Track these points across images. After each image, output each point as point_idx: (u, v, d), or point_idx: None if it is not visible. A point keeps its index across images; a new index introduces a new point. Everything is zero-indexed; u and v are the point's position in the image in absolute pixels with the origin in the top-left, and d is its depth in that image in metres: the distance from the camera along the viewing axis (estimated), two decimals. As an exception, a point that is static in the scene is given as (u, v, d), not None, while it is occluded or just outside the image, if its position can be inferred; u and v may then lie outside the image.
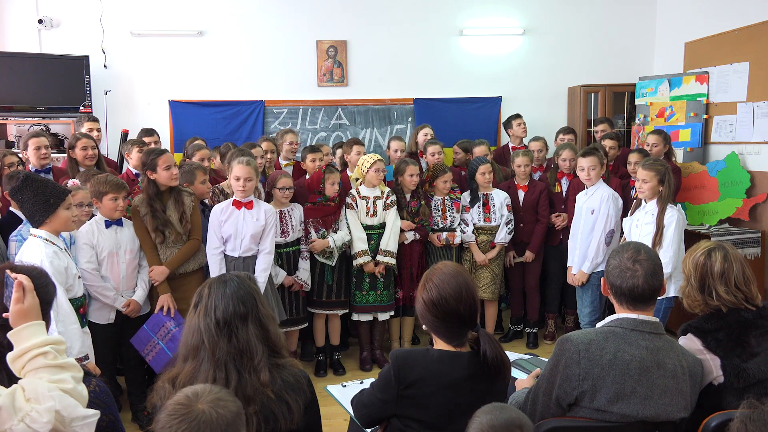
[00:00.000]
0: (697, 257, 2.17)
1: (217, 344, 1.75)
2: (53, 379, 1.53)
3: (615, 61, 6.35)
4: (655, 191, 3.57)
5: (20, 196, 2.72)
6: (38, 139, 4.01)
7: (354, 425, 2.31)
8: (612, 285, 1.96)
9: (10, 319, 1.59)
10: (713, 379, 2.01)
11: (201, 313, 1.79)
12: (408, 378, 1.86)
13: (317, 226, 4.17)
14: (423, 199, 4.47)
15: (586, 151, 4.15)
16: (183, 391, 1.40)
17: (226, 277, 1.86)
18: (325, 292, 4.26)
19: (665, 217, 3.51)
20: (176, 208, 3.56)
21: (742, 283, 2.09)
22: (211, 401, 1.35)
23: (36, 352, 1.55)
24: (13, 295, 1.59)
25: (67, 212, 2.79)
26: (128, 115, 5.67)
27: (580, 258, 4.12)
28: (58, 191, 2.76)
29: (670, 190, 3.56)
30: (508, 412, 1.46)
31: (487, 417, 1.44)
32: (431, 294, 1.90)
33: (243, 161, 3.60)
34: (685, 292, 2.20)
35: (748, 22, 4.98)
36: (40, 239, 2.73)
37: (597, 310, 4.07)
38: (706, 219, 5.10)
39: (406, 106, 6.19)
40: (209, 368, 1.73)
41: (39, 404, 1.46)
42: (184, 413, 1.32)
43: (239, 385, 1.72)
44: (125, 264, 3.38)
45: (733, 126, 5.13)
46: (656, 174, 3.55)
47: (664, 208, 3.54)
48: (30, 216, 2.76)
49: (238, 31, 5.91)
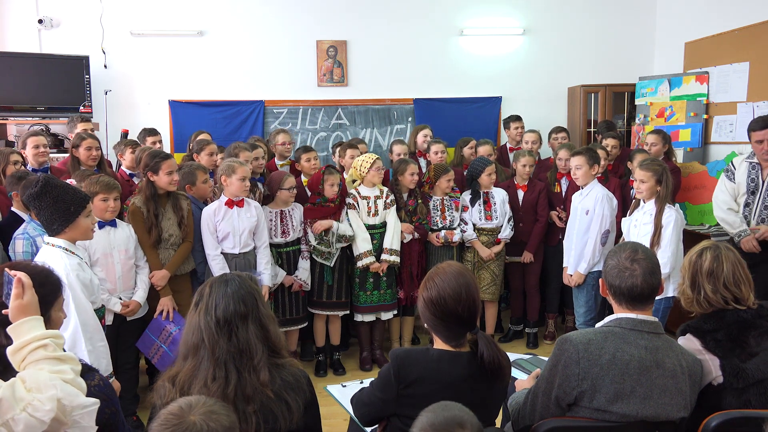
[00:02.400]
0: (691, 255, 2.20)
1: (217, 343, 1.75)
2: (54, 370, 1.54)
3: (615, 61, 6.35)
4: (653, 191, 3.57)
5: (38, 202, 2.49)
6: (37, 137, 4.02)
7: (354, 425, 2.32)
8: (611, 285, 1.96)
9: (10, 314, 1.61)
10: (713, 379, 2.01)
11: (201, 312, 1.79)
12: (408, 377, 1.87)
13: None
14: (420, 199, 4.48)
15: (576, 151, 4.16)
16: (178, 401, 1.40)
17: (228, 277, 1.86)
18: (326, 293, 4.26)
19: (663, 217, 3.51)
20: (175, 213, 3.62)
21: (732, 284, 2.09)
22: (204, 413, 1.35)
23: (36, 344, 1.57)
24: (13, 291, 1.61)
25: (87, 220, 2.59)
26: (128, 115, 5.67)
27: (576, 258, 4.11)
28: (79, 198, 2.56)
29: (668, 190, 3.56)
30: (452, 410, 1.43)
31: (427, 415, 1.41)
32: (431, 293, 1.90)
33: (244, 163, 3.78)
34: (680, 290, 2.22)
35: (748, 22, 4.98)
36: (60, 249, 2.53)
37: (592, 310, 4.07)
38: (706, 219, 5.10)
39: (406, 106, 6.19)
40: (209, 366, 1.74)
41: (41, 393, 1.47)
42: (176, 424, 1.32)
43: (239, 384, 1.72)
44: (120, 264, 3.36)
45: (733, 126, 5.13)
46: (654, 174, 3.55)
47: (662, 208, 3.54)
48: (48, 224, 2.54)
49: (238, 31, 5.91)
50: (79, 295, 2.53)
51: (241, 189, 3.69)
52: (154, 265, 3.53)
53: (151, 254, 3.52)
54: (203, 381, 1.72)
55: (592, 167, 4.04)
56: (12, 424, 1.44)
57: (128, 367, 3.54)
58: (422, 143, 5.15)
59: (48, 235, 2.58)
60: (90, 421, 1.56)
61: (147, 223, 3.50)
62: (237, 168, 3.68)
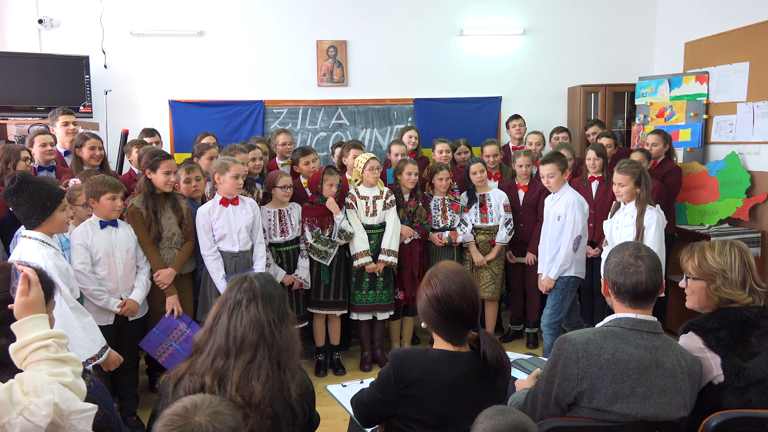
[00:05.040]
0: (734, 251, 2.09)
1: (274, 339, 1.76)
2: (53, 372, 1.53)
3: (615, 61, 6.35)
4: (633, 193, 3.60)
5: (15, 198, 2.62)
6: (44, 136, 4.04)
7: (354, 425, 2.32)
8: (614, 283, 1.95)
9: (15, 310, 1.60)
10: (713, 378, 2.01)
11: (259, 307, 1.77)
12: (407, 377, 1.86)
13: (312, 225, 4.18)
14: (420, 201, 4.48)
15: (544, 159, 4.02)
16: (182, 401, 1.38)
17: (264, 274, 1.89)
18: (323, 292, 4.26)
19: (645, 218, 3.54)
20: (175, 213, 3.62)
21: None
22: (210, 414, 1.33)
23: (38, 344, 1.55)
24: (19, 287, 1.59)
25: (63, 214, 2.72)
26: (128, 115, 5.67)
27: (549, 263, 4.03)
28: (54, 193, 2.68)
29: (647, 191, 3.59)
30: (512, 415, 1.43)
31: (490, 422, 1.40)
32: (436, 290, 1.89)
33: (237, 161, 3.75)
34: (709, 290, 2.07)
35: (748, 22, 4.98)
36: (36, 241, 2.64)
37: (557, 312, 3.99)
38: (706, 219, 5.10)
39: (406, 106, 6.19)
40: (263, 362, 1.73)
41: (38, 397, 1.46)
42: (181, 425, 1.31)
43: (281, 382, 1.74)
44: (122, 264, 3.36)
45: (733, 126, 5.13)
46: (632, 177, 3.58)
47: (643, 209, 3.56)
48: (25, 218, 2.66)
49: (238, 31, 5.91)
50: (57, 280, 2.56)
51: (233, 187, 3.64)
52: (155, 264, 3.52)
53: (151, 253, 3.52)
54: (256, 378, 1.71)
55: (564, 173, 3.99)
56: (8, 428, 1.42)
57: (128, 367, 3.52)
58: (408, 144, 5.14)
59: (26, 229, 2.69)
60: (87, 425, 1.54)
61: (146, 221, 3.50)
62: (230, 166, 3.63)
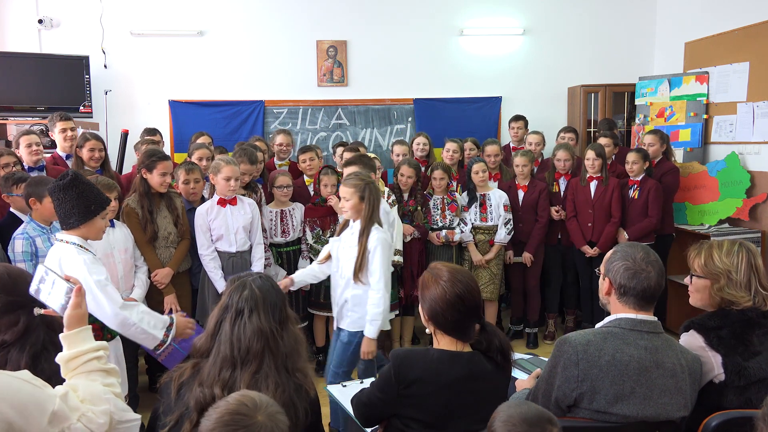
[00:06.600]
0: (741, 253, 2.10)
1: (278, 346, 1.74)
2: (105, 383, 1.61)
3: (615, 61, 6.35)
4: (358, 209, 3.11)
5: (62, 194, 2.47)
6: (29, 136, 3.98)
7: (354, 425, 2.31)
8: (622, 286, 1.92)
9: (66, 321, 1.66)
10: (714, 377, 2.01)
11: (261, 316, 1.73)
12: (408, 377, 1.86)
13: (313, 225, 4.18)
14: (420, 201, 4.48)
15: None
16: (235, 399, 1.33)
17: (261, 277, 1.84)
18: (323, 293, 4.25)
19: (370, 241, 3.07)
20: (171, 212, 3.62)
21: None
22: (270, 414, 1.30)
23: (92, 355, 1.63)
24: (72, 299, 1.67)
25: (102, 222, 2.61)
26: (128, 115, 5.67)
27: None
28: (101, 199, 2.58)
29: (371, 207, 3.09)
30: (534, 406, 1.45)
31: (517, 410, 1.40)
32: (456, 288, 1.87)
33: (231, 162, 3.68)
34: (712, 290, 2.09)
35: (748, 22, 4.97)
36: (74, 246, 2.51)
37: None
38: (706, 219, 5.10)
39: (406, 106, 6.19)
40: (270, 371, 1.70)
41: (95, 405, 1.51)
42: (246, 425, 1.26)
43: (294, 386, 1.72)
44: (122, 264, 3.35)
45: (733, 126, 5.13)
46: (356, 190, 3.09)
47: (366, 228, 3.08)
48: (65, 217, 2.51)
49: (238, 31, 5.91)
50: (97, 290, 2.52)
51: (225, 188, 3.60)
52: (152, 264, 3.52)
53: (148, 252, 3.52)
54: (265, 389, 1.66)
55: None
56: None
57: (128, 367, 3.53)
58: (416, 151, 5.15)
59: (62, 230, 2.57)
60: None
61: (142, 221, 3.50)
62: (222, 167, 3.60)
